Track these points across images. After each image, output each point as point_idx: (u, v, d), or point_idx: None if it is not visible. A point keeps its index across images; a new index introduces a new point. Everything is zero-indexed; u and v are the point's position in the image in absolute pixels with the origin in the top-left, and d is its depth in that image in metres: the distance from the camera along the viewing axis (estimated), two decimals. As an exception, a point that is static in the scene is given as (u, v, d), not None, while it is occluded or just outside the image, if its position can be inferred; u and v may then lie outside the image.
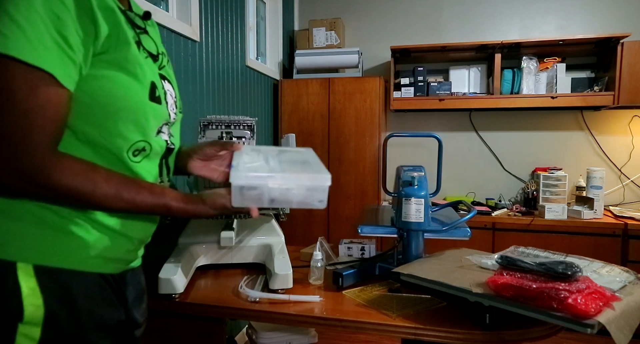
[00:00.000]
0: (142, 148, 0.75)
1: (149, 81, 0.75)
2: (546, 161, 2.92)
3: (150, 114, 0.75)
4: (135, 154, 0.75)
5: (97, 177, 0.66)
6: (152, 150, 0.78)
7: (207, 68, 1.97)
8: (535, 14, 2.89)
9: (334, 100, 2.82)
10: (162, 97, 0.79)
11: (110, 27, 0.68)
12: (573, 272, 0.81)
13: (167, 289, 1.08)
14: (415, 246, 1.18)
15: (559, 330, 0.92)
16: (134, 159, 0.75)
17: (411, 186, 1.17)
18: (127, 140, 0.72)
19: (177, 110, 0.87)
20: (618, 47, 2.48)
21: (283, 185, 0.77)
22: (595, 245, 2.41)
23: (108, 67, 0.68)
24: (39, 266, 0.65)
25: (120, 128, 0.71)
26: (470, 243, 1.22)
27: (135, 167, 0.75)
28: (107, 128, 0.70)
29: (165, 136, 0.83)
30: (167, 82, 0.84)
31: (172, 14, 1.83)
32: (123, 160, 0.73)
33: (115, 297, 0.76)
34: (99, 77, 0.67)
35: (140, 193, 0.71)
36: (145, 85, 0.74)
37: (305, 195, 0.79)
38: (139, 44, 0.75)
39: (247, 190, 0.76)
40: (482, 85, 2.93)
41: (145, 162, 0.77)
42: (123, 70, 0.70)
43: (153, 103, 0.75)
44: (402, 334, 0.96)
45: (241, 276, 1.25)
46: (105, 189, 0.67)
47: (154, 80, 0.77)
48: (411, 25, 3.11)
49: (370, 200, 2.78)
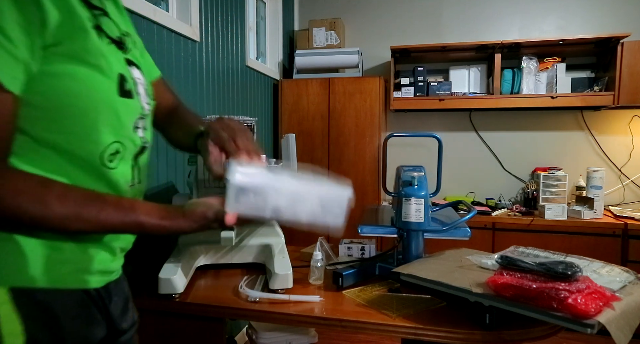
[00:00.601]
0: (116, 151, 0.66)
1: (116, 74, 0.65)
2: (546, 161, 2.92)
3: (122, 111, 0.66)
4: (111, 159, 0.66)
5: (48, 196, 0.56)
6: (127, 150, 0.69)
7: (207, 68, 1.97)
8: (535, 14, 2.89)
9: (334, 100, 2.82)
10: (134, 90, 0.69)
11: (61, 12, 0.56)
12: (573, 272, 0.81)
13: (167, 289, 1.08)
14: (415, 246, 1.18)
15: (559, 330, 0.92)
16: (110, 165, 0.66)
17: (411, 186, 1.16)
18: (99, 143, 0.63)
19: (149, 99, 0.76)
20: (618, 47, 2.48)
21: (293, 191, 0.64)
22: (595, 245, 2.41)
23: (65, 61, 0.58)
24: (15, 288, 0.57)
25: (89, 132, 0.61)
26: (470, 243, 1.22)
27: (113, 174, 0.66)
28: (73, 133, 0.60)
29: (141, 132, 0.73)
30: (135, 68, 0.73)
31: (172, 14, 1.83)
32: (98, 168, 0.64)
33: (99, 314, 0.69)
34: (55, 74, 0.57)
35: (103, 211, 0.60)
36: (112, 78, 0.64)
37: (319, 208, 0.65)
38: (99, 29, 0.64)
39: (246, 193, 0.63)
40: (482, 85, 2.93)
41: (121, 165, 0.68)
42: (84, 63, 0.59)
43: (124, 99, 0.66)
44: (402, 334, 0.96)
45: (241, 276, 1.25)
46: (59, 210, 0.57)
47: (122, 72, 0.66)
48: (411, 25, 3.11)
49: (370, 200, 2.78)
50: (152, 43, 1.54)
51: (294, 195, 0.64)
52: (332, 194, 0.66)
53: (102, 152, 0.64)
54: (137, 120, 0.71)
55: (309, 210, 0.65)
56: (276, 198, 0.64)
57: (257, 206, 0.64)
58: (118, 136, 0.66)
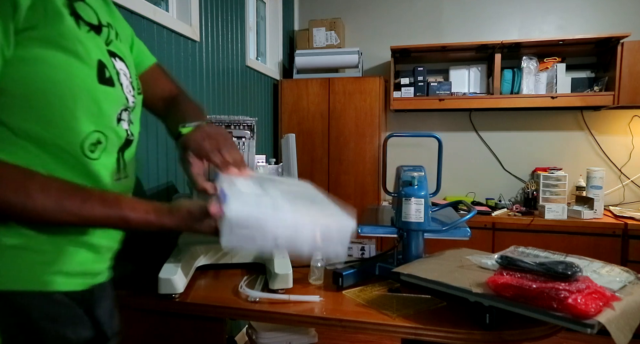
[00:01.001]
0: (97, 141, 0.64)
1: (94, 60, 0.62)
2: (546, 161, 2.92)
3: (103, 99, 0.64)
4: (92, 149, 0.63)
5: (31, 186, 0.55)
6: (109, 141, 0.66)
7: (207, 68, 1.97)
8: (535, 14, 2.89)
9: (334, 100, 2.82)
10: (115, 78, 0.67)
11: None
12: (573, 272, 0.81)
13: (167, 290, 1.08)
14: (415, 246, 1.18)
15: (559, 330, 0.92)
16: (92, 155, 0.63)
17: (411, 186, 1.16)
18: (78, 132, 0.61)
19: (135, 92, 0.74)
20: (618, 47, 2.48)
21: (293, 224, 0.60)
22: (595, 245, 2.41)
23: (40, 46, 0.56)
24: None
25: (69, 120, 0.59)
26: (470, 243, 1.22)
27: (94, 165, 0.64)
28: (52, 121, 0.58)
29: (126, 124, 0.71)
30: (119, 60, 0.71)
31: (172, 14, 1.83)
32: (79, 158, 0.62)
33: (85, 315, 0.67)
34: (30, 59, 0.55)
35: (87, 203, 0.58)
36: (90, 65, 0.61)
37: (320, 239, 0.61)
38: (76, 15, 0.62)
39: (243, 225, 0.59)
40: (482, 85, 2.93)
41: (104, 157, 0.66)
42: (60, 48, 0.57)
43: (104, 86, 0.64)
44: (402, 334, 0.95)
45: (241, 276, 1.25)
46: (42, 200, 0.55)
47: (102, 58, 0.64)
48: (411, 25, 3.11)
49: (370, 200, 2.78)
50: (152, 43, 1.54)
51: (295, 225, 0.61)
52: (335, 225, 0.62)
53: (82, 141, 0.62)
54: (121, 111, 0.69)
55: (310, 241, 0.61)
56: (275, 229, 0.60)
57: (254, 238, 0.60)
58: (99, 125, 0.64)
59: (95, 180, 0.65)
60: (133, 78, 0.75)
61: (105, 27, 0.69)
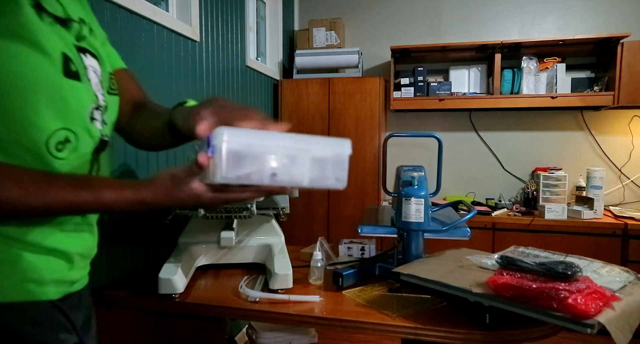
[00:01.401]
0: (65, 139, 0.59)
1: (58, 52, 0.58)
2: (546, 161, 2.92)
3: (69, 95, 0.59)
4: (59, 148, 0.58)
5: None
6: (81, 141, 0.61)
7: (207, 68, 1.97)
8: (535, 14, 2.89)
9: (334, 100, 2.82)
10: (83, 73, 0.62)
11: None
12: (573, 272, 0.81)
13: (167, 290, 1.08)
14: (415, 246, 1.18)
15: (559, 330, 0.92)
16: (59, 155, 0.58)
17: (411, 186, 1.16)
18: (42, 129, 0.56)
19: (104, 90, 0.69)
20: (618, 47, 2.48)
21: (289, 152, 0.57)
22: (595, 245, 2.41)
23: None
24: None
25: (31, 116, 0.55)
26: (470, 243, 1.22)
27: (61, 166, 0.59)
28: (11, 117, 0.54)
29: (99, 124, 0.66)
30: (91, 57, 0.66)
31: (172, 14, 1.83)
32: (43, 158, 0.57)
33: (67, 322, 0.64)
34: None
35: (53, 186, 0.54)
36: (54, 57, 0.57)
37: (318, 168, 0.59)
38: (38, 6, 0.58)
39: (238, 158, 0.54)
40: (482, 85, 2.93)
41: (74, 157, 0.61)
42: (19, 39, 0.54)
43: (70, 80, 0.59)
44: (402, 334, 0.96)
45: (241, 276, 1.25)
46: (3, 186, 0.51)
47: (66, 52, 0.60)
48: (411, 25, 3.11)
49: (370, 200, 2.78)
50: (152, 43, 1.54)
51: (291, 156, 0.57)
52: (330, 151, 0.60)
53: (48, 139, 0.57)
54: (93, 110, 0.64)
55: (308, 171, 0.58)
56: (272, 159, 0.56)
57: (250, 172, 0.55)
58: (67, 122, 0.59)
59: None
60: (104, 77, 0.70)
61: (76, 23, 0.65)
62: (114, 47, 0.85)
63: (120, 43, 1.34)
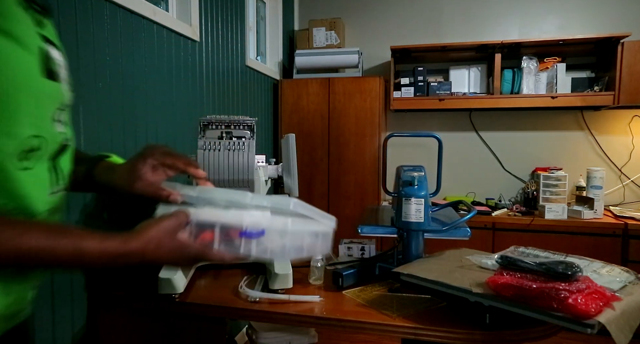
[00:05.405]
0: (35, 147, 0.51)
1: (36, 47, 0.50)
2: (546, 161, 2.92)
3: (46, 97, 0.52)
4: (27, 157, 0.50)
5: None
6: (47, 147, 0.54)
7: (207, 68, 1.97)
8: (535, 14, 2.89)
9: (334, 100, 2.82)
10: (58, 71, 0.55)
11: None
12: (573, 272, 0.81)
13: (167, 290, 1.08)
14: (415, 246, 1.18)
15: (559, 330, 0.92)
16: (24, 165, 0.50)
17: (411, 186, 1.16)
18: (14, 137, 0.48)
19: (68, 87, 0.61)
20: (618, 47, 2.48)
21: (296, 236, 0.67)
22: (595, 245, 2.41)
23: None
24: None
25: (6, 122, 0.47)
26: (470, 243, 1.22)
27: (21, 177, 0.50)
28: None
29: (61, 127, 0.58)
30: (54, 48, 0.55)
31: (172, 14, 1.83)
32: (5, 170, 0.48)
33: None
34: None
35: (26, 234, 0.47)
36: (33, 52, 0.49)
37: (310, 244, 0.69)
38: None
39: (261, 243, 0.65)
40: (482, 85, 2.93)
41: (39, 166, 0.53)
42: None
43: (49, 81, 0.52)
44: (402, 334, 0.95)
45: (241, 276, 1.25)
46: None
47: (41, 46, 0.51)
48: (411, 25, 3.11)
49: (370, 200, 2.78)
50: (152, 43, 1.54)
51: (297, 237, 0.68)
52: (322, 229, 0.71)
53: (16, 148, 0.49)
54: (56, 110, 0.56)
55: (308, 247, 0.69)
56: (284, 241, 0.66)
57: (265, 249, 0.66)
58: (38, 128, 0.51)
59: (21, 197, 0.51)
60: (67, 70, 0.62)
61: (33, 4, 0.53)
62: (114, 47, 0.85)
63: (120, 43, 1.34)
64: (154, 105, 1.55)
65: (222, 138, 1.22)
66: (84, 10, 1.19)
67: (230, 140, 1.20)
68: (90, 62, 1.22)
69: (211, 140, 1.20)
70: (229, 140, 1.20)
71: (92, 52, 1.22)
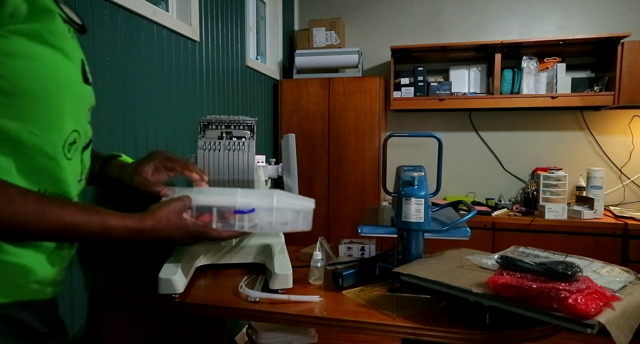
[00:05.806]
0: (74, 141, 0.62)
1: (79, 58, 0.62)
2: (546, 161, 2.92)
3: (83, 99, 0.64)
4: (69, 149, 0.62)
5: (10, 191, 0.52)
6: (81, 141, 0.65)
7: (207, 68, 1.97)
8: (535, 14, 2.89)
9: (334, 100, 2.82)
10: (89, 77, 0.67)
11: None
12: (573, 272, 0.81)
13: (167, 290, 1.08)
14: (415, 246, 1.18)
15: (559, 330, 0.92)
16: (68, 155, 0.61)
17: (411, 186, 1.16)
18: (62, 131, 0.59)
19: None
20: (618, 47, 2.48)
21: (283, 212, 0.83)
22: (596, 245, 2.41)
23: (27, 40, 0.54)
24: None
25: (53, 119, 0.58)
26: (470, 243, 1.22)
27: (67, 166, 0.61)
28: (36, 120, 0.56)
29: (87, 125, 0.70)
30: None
31: (172, 14, 1.83)
32: (57, 159, 0.59)
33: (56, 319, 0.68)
34: (16, 54, 0.53)
35: (65, 209, 0.56)
36: (76, 62, 0.61)
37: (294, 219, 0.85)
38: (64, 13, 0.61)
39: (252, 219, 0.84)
40: (482, 85, 2.93)
41: (75, 157, 0.64)
42: (47, 44, 0.56)
43: (86, 86, 0.64)
44: (402, 334, 0.95)
45: (241, 276, 1.25)
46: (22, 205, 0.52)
47: (83, 57, 0.65)
48: (411, 25, 3.11)
49: (370, 200, 2.78)
50: (152, 43, 1.54)
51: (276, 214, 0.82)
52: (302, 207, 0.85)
53: (65, 141, 0.60)
54: (88, 110, 0.68)
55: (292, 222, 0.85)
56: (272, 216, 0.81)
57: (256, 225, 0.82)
58: (77, 124, 0.63)
59: (62, 182, 0.62)
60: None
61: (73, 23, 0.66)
62: (114, 47, 0.89)
63: (120, 43, 1.34)
64: (154, 105, 1.55)
65: (222, 138, 1.22)
66: (84, 10, 1.19)
67: (230, 140, 1.20)
68: (90, 62, 1.22)
69: (211, 140, 1.20)
70: (229, 140, 1.20)
71: (92, 52, 1.22)
